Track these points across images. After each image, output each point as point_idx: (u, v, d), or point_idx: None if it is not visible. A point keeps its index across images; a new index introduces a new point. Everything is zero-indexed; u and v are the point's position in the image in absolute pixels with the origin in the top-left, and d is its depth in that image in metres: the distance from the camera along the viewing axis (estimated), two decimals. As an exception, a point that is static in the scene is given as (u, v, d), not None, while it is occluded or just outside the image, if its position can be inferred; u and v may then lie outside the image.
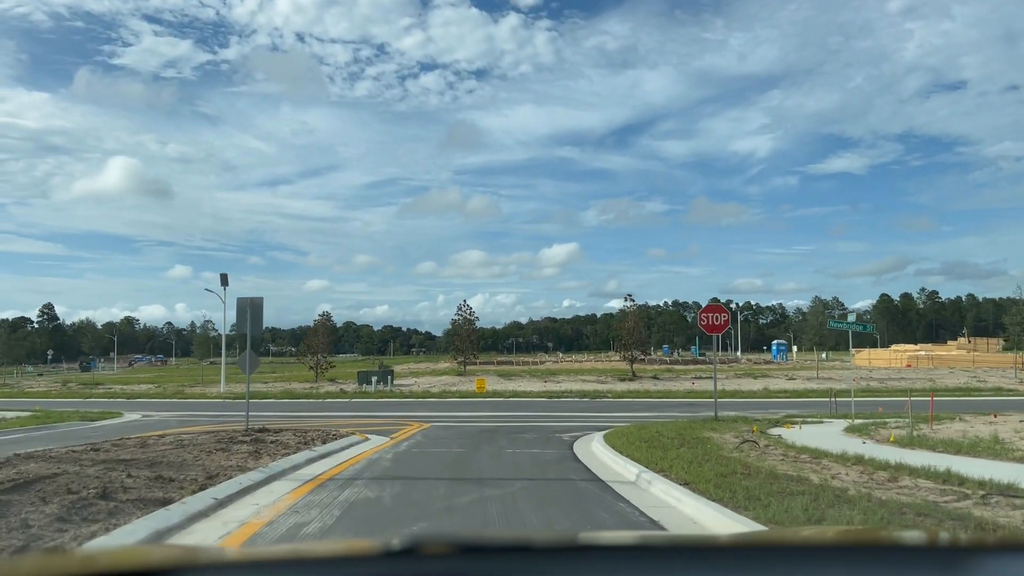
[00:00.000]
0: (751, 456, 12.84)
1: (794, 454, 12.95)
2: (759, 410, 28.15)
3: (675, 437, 16.00)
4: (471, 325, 55.66)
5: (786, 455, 12.85)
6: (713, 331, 21.64)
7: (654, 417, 25.44)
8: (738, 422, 20.48)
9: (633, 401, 35.26)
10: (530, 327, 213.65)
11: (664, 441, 15.17)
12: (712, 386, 42.16)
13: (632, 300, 48.48)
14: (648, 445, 14.10)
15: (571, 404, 33.86)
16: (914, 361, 66.49)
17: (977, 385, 41.65)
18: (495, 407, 32.64)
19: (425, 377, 54.98)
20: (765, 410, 28.52)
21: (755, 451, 13.73)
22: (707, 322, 21.61)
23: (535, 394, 39.95)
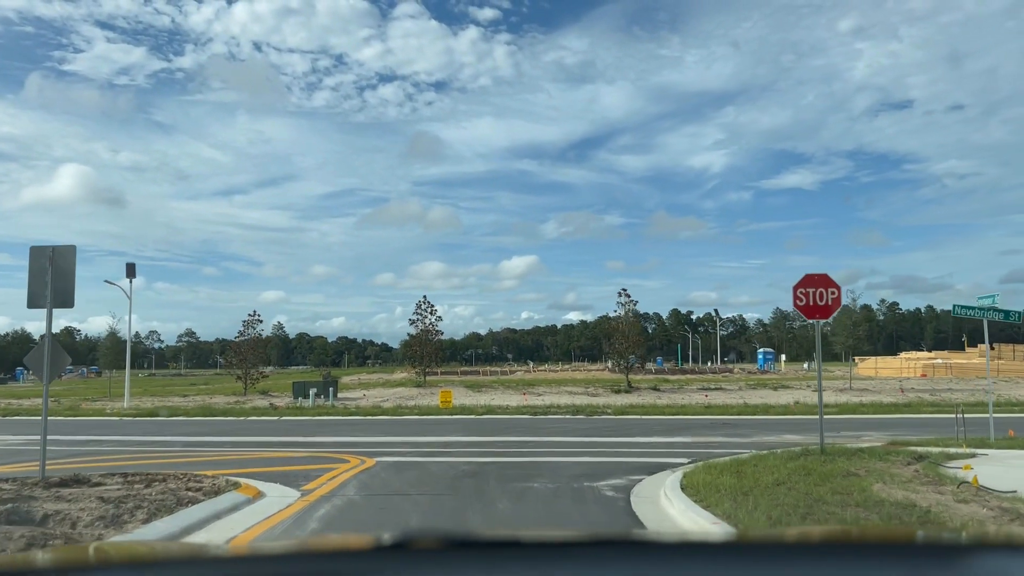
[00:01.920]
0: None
1: None
2: (838, 432, 20.97)
3: (835, 494, 8.79)
4: (433, 327, 47.93)
5: None
6: (816, 315, 14.32)
7: (703, 446, 18.09)
8: (866, 456, 13.27)
9: (645, 420, 27.91)
10: (490, 338, 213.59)
11: (830, 508, 7.97)
12: (729, 399, 34.81)
13: (628, 296, 41.67)
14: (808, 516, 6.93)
15: (566, 424, 26.34)
16: (929, 370, 60.68)
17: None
18: (468, 428, 24.96)
19: (377, 389, 46.95)
20: (845, 432, 21.36)
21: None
22: (807, 301, 14.30)
23: (514, 409, 32.36)
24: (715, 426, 24.46)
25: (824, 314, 14.38)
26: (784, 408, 31.20)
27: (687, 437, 20.87)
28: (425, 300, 48.56)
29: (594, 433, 22.46)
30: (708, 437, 20.83)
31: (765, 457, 13.68)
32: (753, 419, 27.34)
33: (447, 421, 28.52)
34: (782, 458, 13.17)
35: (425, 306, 48.22)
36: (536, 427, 25.06)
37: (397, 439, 21.66)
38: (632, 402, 34.94)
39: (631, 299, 41.74)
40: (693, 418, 28.14)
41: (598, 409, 31.89)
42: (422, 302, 48.40)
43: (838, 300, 14.37)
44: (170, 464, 15.69)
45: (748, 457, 14.06)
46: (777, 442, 19.07)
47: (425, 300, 48.56)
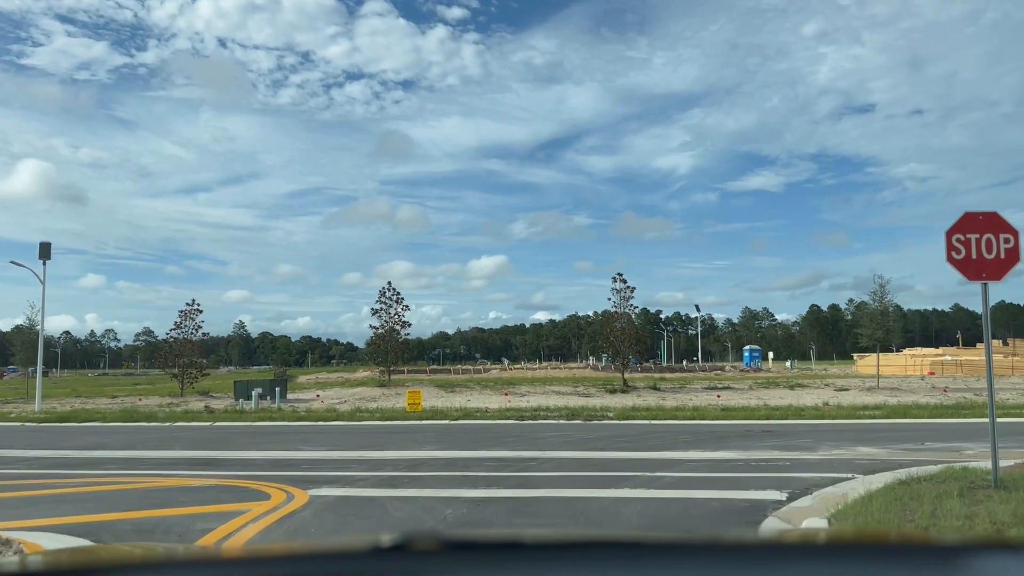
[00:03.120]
0: None
1: None
2: (921, 443, 16.28)
3: None
4: (399, 317, 42.43)
5: None
6: (983, 273, 9.46)
7: (770, 466, 13.25)
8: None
9: (662, 426, 23.08)
10: (458, 337, 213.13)
11: None
12: (744, 400, 30.12)
13: (624, 282, 36.61)
14: None
15: (565, 432, 21.41)
16: (938, 367, 56.88)
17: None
18: (443, 438, 19.90)
19: (334, 389, 41.55)
20: (936, 444, 16.72)
21: None
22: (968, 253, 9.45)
23: (496, 413, 27.31)
24: (757, 434, 19.64)
25: (995, 273, 9.58)
26: (817, 411, 26.54)
27: (735, 451, 16.00)
28: (390, 287, 43.15)
29: (609, 445, 17.51)
30: (761, 452, 15.98)
31: (917, 493, 8.84)
32: (793, 424, 22.61)
33: (416, 428, 23.38)
34: (956, 499, 8.32)
35: (390, 294, 42.74)
36: (529, 436, 20.04)
37: (350, 455, 16.51)
38: (634, 404, 30.09)
39: (628, 285, 37.04)
40: (719, 424, 23.34)
41: (596, 412, 26.96)
42: (387, 289, 42.88)
43: (1015, 252, 9.51)
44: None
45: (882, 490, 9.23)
46: (864, 460, 14.28)
47: (390, 287, 43.15)
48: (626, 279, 36.76)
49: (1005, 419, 23.20)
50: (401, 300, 42.30)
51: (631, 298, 36.74)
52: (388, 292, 42.13)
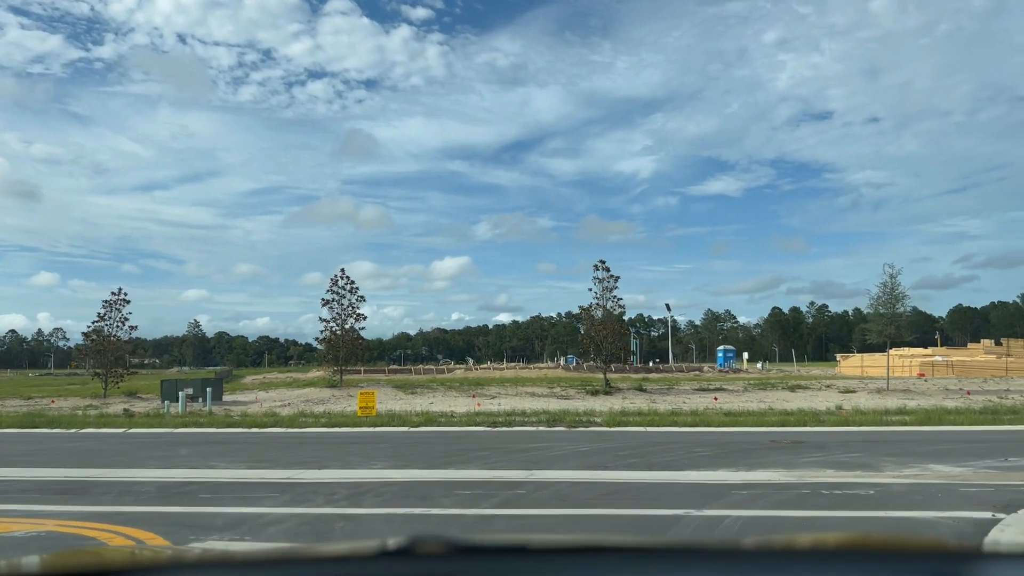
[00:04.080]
0: None
1: None
2: (975, 458, 12.89)
3: None
4: (353, 308, 37.98)
5: None
6: None
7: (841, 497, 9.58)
8: None
9: (663, 434, 19.56)
10: (419, 338, 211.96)
11: None
12: (745, 403, 27.02)
13: (607, 270, 32.72)
14: None
15: (553, 443, 17.80)
16: (928, 368, 54.35)
17: None
18: (400, 451, 16.11)
19: (279, 390, 37.28)
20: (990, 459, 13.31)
21: None
22: None
23: (464, 418, 23.52)
24: (787, 446, 16.13)
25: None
26: (837, 416, 23.21)
27: (778, 472, 12.42)
28: (343, 275, 38.46)
29: (612, 462, 13.85)
30: (812, 472, 12.43)
31: None
32: (819, 432, 19.22)
33: (367, 438, 19.50)
34: None
35: (344, 282, 38.18)
36: (508, 448, 16.29)
37: (275, 476, 12.60)
38: (622, 407, 26.50)
39: (611, 275, 33.27)
40: (732, 432, 19.85)
41: (581, 417, 23.30)
42: (339, 277, 38.20)
43: None
44: None
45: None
46: (965, 485, 10.78)
47: (343, 275, 38.46)
48: (609, 267, 33.20)
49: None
50: (356, 290, 37.97)
51: (615, 288, 33.16)
52: (341, 281, 37.72)
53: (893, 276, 31.08)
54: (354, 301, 37.30)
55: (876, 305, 31.62)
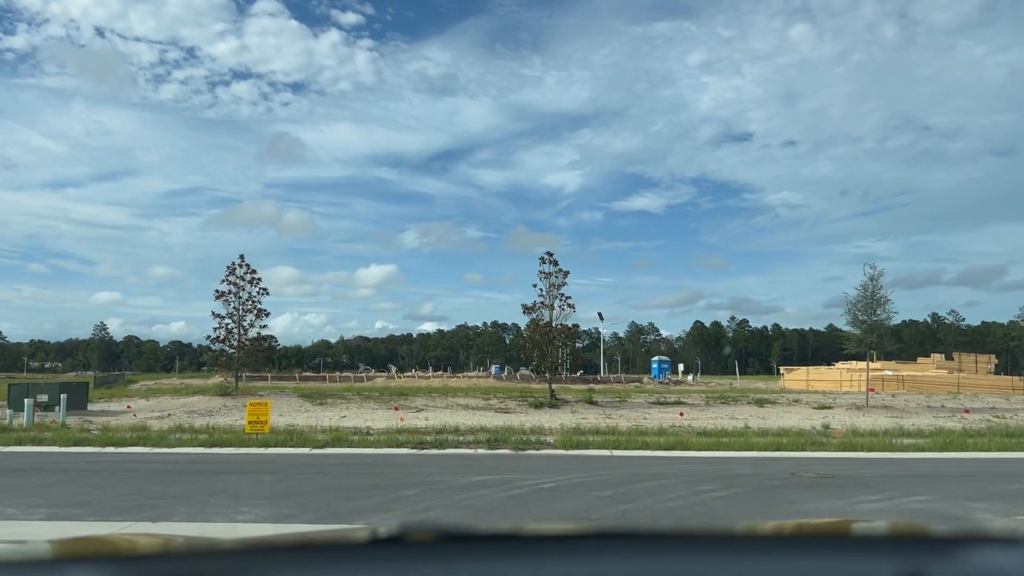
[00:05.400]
0: None
1: None
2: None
3: None
4: (255, 302, 32.43)
5: None
6: None
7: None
8: None
9: (635, 460, 15.67)
10: (340, 345, 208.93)
11: None
12: (714, 419, 23.34)
13: (555, 263, 28.49)
14: None
15: (493, 472, 13.68)
16: (878, 383, 52.27)
17: None
18: (288, 489, 11.62)
19: (162, 398, 31.79)
20: None
21: None
22: None
23: (383, 438, 19.03)
24: (818, 483, 12.29)
25: None
26: (833, 439, 19.66)
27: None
28: (242, 262, 32.72)
29: (597, 510, 9.72)
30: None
31: None
32: (835, 461, 15.52)
33: (251, 463, 14.86)
34: None
35: (242, 271, 32.34)
36: (441, 484, 11.94)
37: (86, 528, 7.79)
38: (574, 423, 22.38)
39: (559, 268, 29.01)
40: (720, 458, 16.00)
41: (529, 438, 19.09)
42: (237, 265, 32.31)
43: None
44: None
45: None
46: None
47: (242, 262, 32.72)
48: (557, 260, 29.06)
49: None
50: (257, 281, 32.44)
51: (563, 285, 29.08)
52: (240, 269, 32.26)
53: (874, 278, 28.04)
54: (255, 294, 32.09)
55: (854, 310, 28.51)
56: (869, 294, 28.35)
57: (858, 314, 28.55)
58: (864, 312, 28.41)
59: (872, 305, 28.29)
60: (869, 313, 28.35)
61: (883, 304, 28.30)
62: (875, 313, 28.28)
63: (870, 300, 28.34)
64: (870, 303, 28.33)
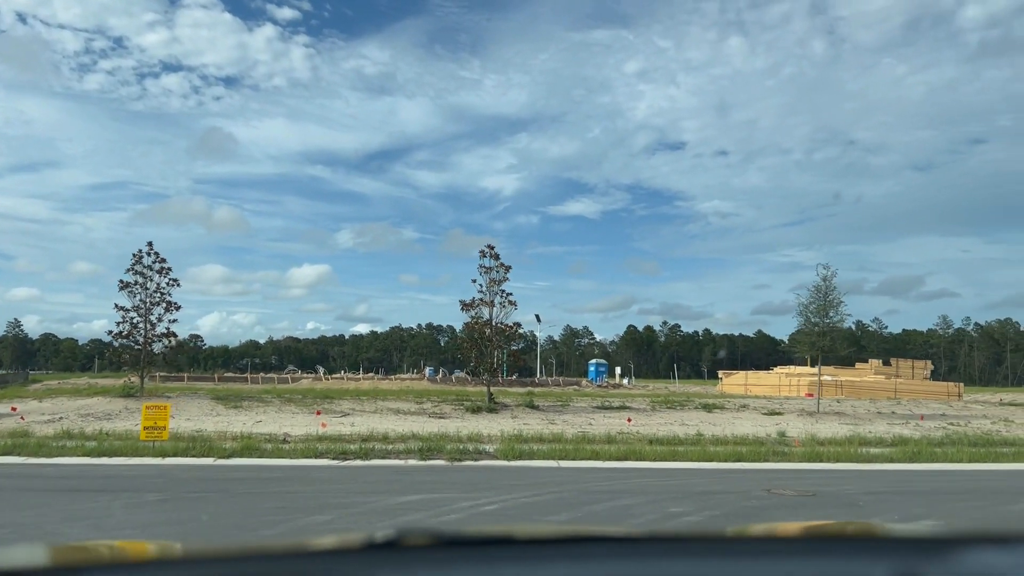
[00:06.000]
0: None
1: None
2: None
3: None
4: (163, 293, 29.34)
5: None
6: None
7: None
8: None
9: (586, 473, 14.01)
10: (269, 346, 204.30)
11: None
12: (663, 425, 21.91)
13: (497, 257, 26.37)
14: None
15: (427, 490, 11.71)
16: (816, 389, 52.04)
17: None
18: (176, 519, 9.48)
19: (58, 399, 28.75)
20: None
21: None
22: None
23: (301, 446, 16.88)
24: (802, 502, 10.71)
25: None
26: (794, 449, 18.35)
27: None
28: (151, 250, 29.47)
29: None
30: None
31: None
32: (805, 473, 14.10)
33: (140, 477, 12.67)
34: None
35: (151, 259, 29.10)
36: (363, 507, 10.04)
37: None
38: (516, 429, 20.55)
39: (501, 263, 26.96)
40: (679, 469, 14.47)
41: (466, 446, 17.21)
42: (145, 252, 29.09)
43: None
44: None
45: None
46: None
47: (151, 250, 29.47)
48: (498, 254, 27.11)
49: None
50: (167, 271, 29.29)
51: (505, 280, 27.08)
52: (147, 258, 29.02)
53: (827, 279, 27.06)
54: (164, 285, 29.14)
55: (806, 312, 27.50)
56: (822, 296, 27.41)
57: (810, 316, 27.59)
58: (817, 314, 27.46)
59: (825, 307, 27.37)
60: (822, 315, 27.42)
61: (836, 306, 27.41)
62: (827, 315, 27.38)
63: (823, 302, 27.41)
64: (823, 305, 27.40)
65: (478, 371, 27.41)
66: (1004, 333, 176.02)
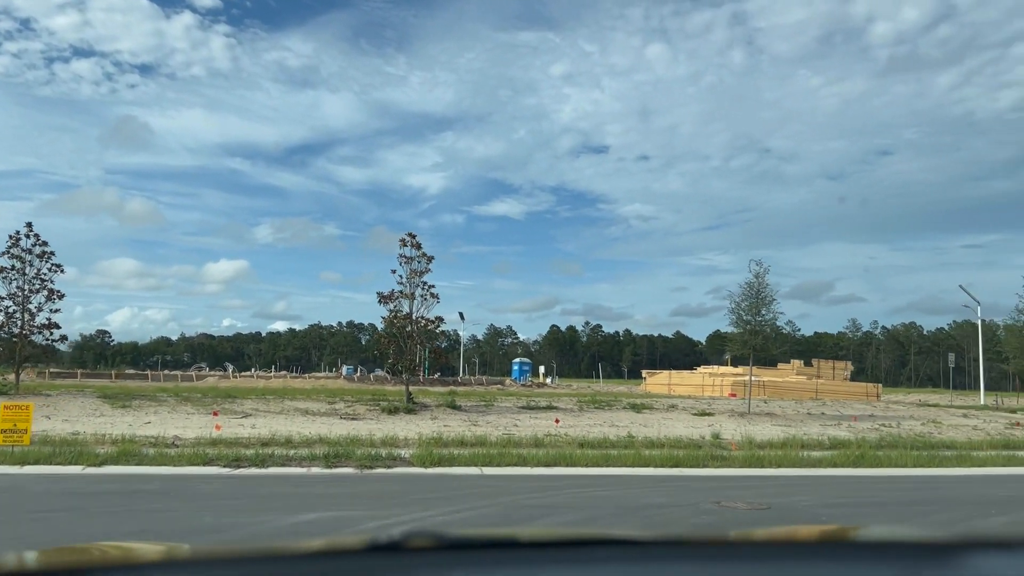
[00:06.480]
0: None
1: None
2: None
3: None
4: (43, 283, 26.15)
5: None
6: None
7: None
8: None
9: (516, 483, 12.44)
10: (182, 343, 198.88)
11: None
12: (593, 426, 20.53)
13: (418, 246, 24.28)
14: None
15: (326, 506, 10.02)
16: (739, 388, 52.11)
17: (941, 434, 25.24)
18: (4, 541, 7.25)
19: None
20: None
21: None
22: None
23: (190, 450, 14.88)
24: (757, 516, 9.47)
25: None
26: (732, 454, 17.33)
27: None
28: (30, 231, 26.32)
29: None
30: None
31: None
32: (750, 479, 12.96)
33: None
34: None
35: (29, 242, 26.18)
36: (246, 527, 8.19)
37: None
38: (435, 432, 18.90)
39: (423, 252, 24.97)
40: (614, 476, 13.18)
41: (379, 451, 15.50)
42: (24, 235, 26.08)
43: None
44: None
45: None
46: None
47: (30, 231, 26.32)
48: (420, 243, 25.19)
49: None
50: (49, 256, 26.11)
51: (427, 271, 25.23)
52: (26, 240, 25.74)
53: (760, 275, 26.33)
54: (45, 271, 26.10)
55: (738, 310, 26.72)
56: (754, 293, 26.67)
57: (742, 314, 26.82)
58: (748, 312, 26.72)
59: (757, 305, 26.64)
60: (753, 313, 26.69)
61: (768, 304, 26.71)
62: (759, 313, 26.66)
63: (755, 300, 26.67)
64: (755, 303, 26.66)
65: (397, 369, 25.62)
66: (908, 336, 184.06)
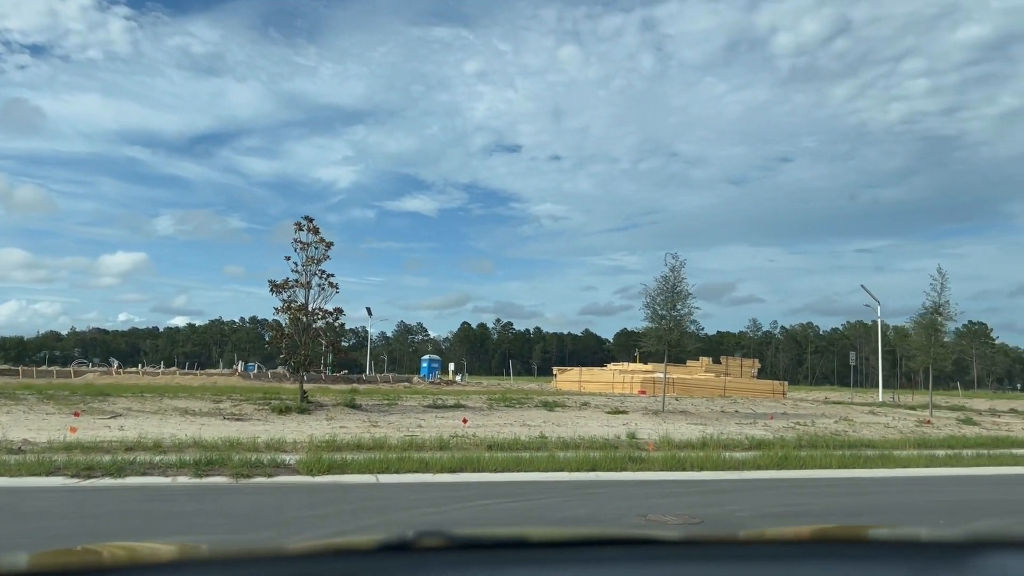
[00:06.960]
0: None
1: None
2: None
3: None
4: None
5: None
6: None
7: None
8: None
9: (419, 488, 10.99)
10: (72, 337, 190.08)
11: None
12: (503, 425, 19.14)
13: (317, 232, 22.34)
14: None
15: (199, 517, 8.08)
16: (649, 385, 51.87)
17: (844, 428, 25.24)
18: None
19: None
20: None
21: None
22: None
23: (36, 457, 12.75)
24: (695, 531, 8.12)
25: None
26: (649, 455, 16.28)
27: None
28: None
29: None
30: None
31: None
32: (680, 484, 11.83)
33: None
34: None
35: None
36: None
37: None
38: (328, 434, 17.11)
39: (321, 238, 22.88)
40: (528, 481, 11.91)
41: (260, 456, 13.66)
42: None
43: None
44: None
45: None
46: None
47: None
48: (318, 228, 23.09)
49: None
50: None
51: (326, 259, 23.20)
52: None
53: (676, 269, 25.60)
54: None
55: (653, 304, 25.91)
56: (670, 287, 25.91)
57: (657, 308, 26.00)
58: (664, 307, 25.92)
59: (673, 299, 25.88)
60: (669, 308, 25.91)
61: (684, 299, 25.99)
62: (675, 308, 25.91)
63: (671, 294, 25.91)
64: (670, 297, 25.90)
65: (293, 365, 23.61)
66: (805, 336, 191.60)
